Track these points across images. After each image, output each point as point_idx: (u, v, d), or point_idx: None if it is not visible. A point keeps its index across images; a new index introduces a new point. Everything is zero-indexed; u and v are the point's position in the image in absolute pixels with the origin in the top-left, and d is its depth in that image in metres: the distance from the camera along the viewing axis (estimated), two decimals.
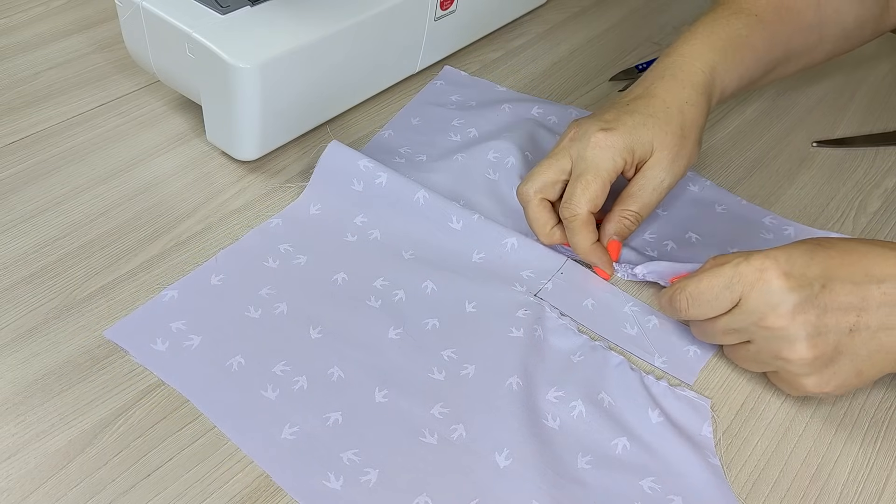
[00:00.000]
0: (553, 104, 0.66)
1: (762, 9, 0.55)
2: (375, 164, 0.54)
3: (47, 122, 0.60)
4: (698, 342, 0.49)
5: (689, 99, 0.51)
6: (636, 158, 0.50)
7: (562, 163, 0.50)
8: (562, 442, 0.43)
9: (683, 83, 0.51)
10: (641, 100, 0.51)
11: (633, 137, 0.49)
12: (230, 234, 0.53)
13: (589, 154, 0.49)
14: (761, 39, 0.55)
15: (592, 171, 0.49)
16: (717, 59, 0.53)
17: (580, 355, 0.47)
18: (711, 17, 0.55)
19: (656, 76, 0.53)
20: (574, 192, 0.49)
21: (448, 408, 0.44)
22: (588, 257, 0.51)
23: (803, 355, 0.42)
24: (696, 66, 0.52)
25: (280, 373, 0.45)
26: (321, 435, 0.42)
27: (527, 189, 0.51)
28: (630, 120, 0.50)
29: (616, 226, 0.51)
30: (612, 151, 0.49)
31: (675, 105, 0.51)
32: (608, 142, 0.49)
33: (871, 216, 0.59)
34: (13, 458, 0.40)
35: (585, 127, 0.50)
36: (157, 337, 0.46)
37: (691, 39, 0.54)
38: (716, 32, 0.54)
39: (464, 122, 0.63)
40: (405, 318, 0.48)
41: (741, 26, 0.54)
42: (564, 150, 0.51)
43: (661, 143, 0.50)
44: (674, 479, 0.42)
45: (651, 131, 0.50)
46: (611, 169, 0.49)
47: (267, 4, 0.56)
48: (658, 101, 0.51)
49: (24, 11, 0.71)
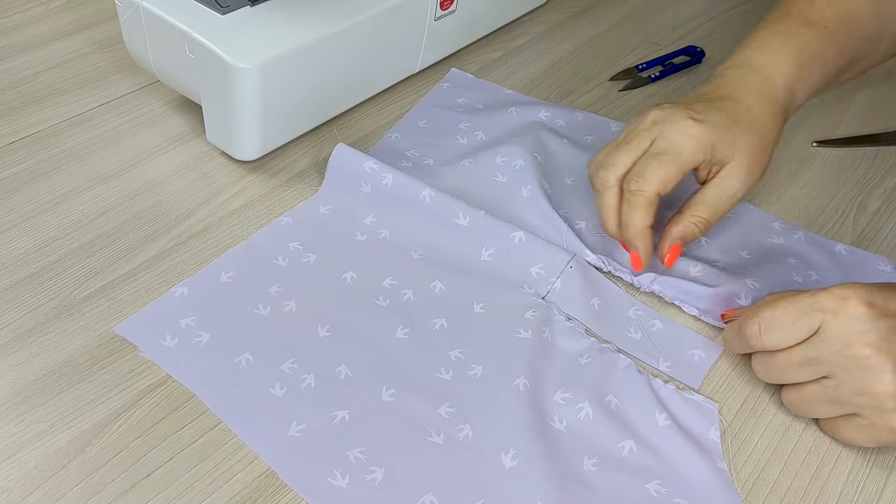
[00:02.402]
0: (560, 107, 0.66)
1: (829, 20, 0.54)
2: (381, 164, 0.55)
3: (47, 122, 0.60)
4: (703, 346, 0.48)
5: (772, 115, 0.50)
6: (715, 159, 0.48)
7: (642, 146, 0.48)
8: (568, 444, 0.43)
9: (766, 98, 0.51)
10: (728, 101, 0.50)
11: (719, 136, 0.48)
12: (230, 234, 0.53)
13: (674, 136, 0.47)
14: (831, 52, 0.54)
15: (673, 153, 0.47)
16: (794, 76, 0.52)
17: (588, 357, 0.47)
18: (784, 26, 0.54)
19: (738, 82, 0.51)
20: (647, 167, 0.47)
21: (455, 408, 0.44)
22: (635, 240, 0.48)
23: (890, 388, 0.39)
24: (778, 83, 0.51)
25: (288, 370, 0.45)
26: (328, 433, 0.42)
27: (608, 175, 0.48)
28: (718, 118, 0.48)
29: (683, 230, 0.49)
30: (698, 142, 0.47)
31: (760, 118, 0.50)
32: (696, 131, 0.47)
33: (871, 216, 0.59)
34: (13, 458, 0.40)
35: (671, 111, 0.49)
36: (167, 333, 0.46)
37: (767, 48, 0.53)
38: (790, 44, 0.53)
39: (471, 125, 0.63)
40: (413, 318, 0.48)
41: (812, 38, 0.53)
42: (645, 133, 0.48)
43: (742, 151, 0.48)
44: (680, 482, 0.42)
45: (735, 137, 0.48)
46: (691, 159, 0.47)
47: (267, 4, 0.56)
48: (744, 109, 0.50)
49: (24, 11, 0.71)
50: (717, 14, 0.82)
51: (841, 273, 0.53)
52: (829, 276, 0.53)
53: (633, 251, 0.49)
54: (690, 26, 0.79)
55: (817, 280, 0.52)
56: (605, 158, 0.49)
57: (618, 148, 0.49)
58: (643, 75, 0.71)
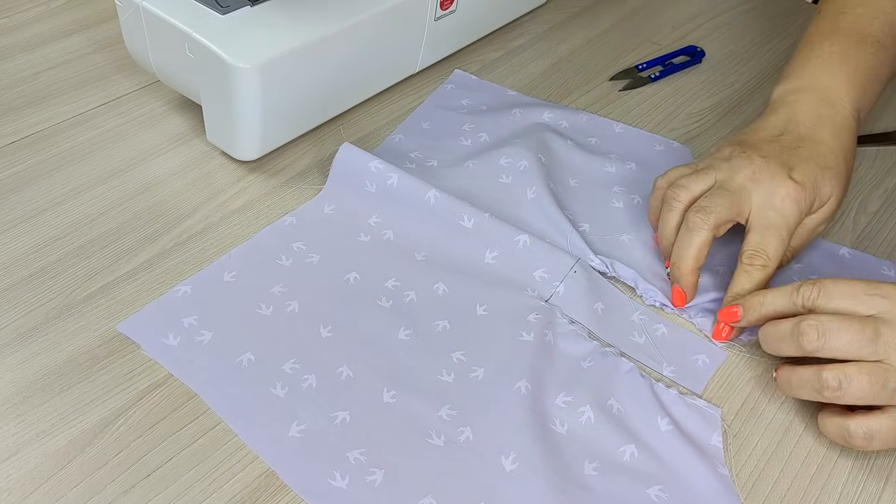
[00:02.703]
0: (564, 108, 0.66)
1: (880, 32, 0.55)
2: (386, 165, 0.54)
3: (47, 122, 0.60)
4: (707, 351, 0.48)
5: (849, 146, 0.52)
6: (812, 210, 0.50)
7: (743, 204, 0.49)
8: (569, 447, 0.43)
9: (842, 129, 0.52)
10: (810, 145, 0.51)
11: (817, 192, 0.49)
12: (230, 234, 0.53)
13: (779, 205, 0.48)
14: (886, 66, 0.55)
15: (785, 225, 0.48)
16: (860, 99, 0.53)
17: (590, 361, 0.47)
18: (840, 44, 0.54)
19: (812, 117, 0.52)
20: (768, 242, 0.48)
21: (456, 410, 0.44)
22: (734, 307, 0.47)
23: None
24: (847, 110, 0.52)
25: (289, 370, 0.45)
26: (328, 433, 0.42)
27: (708, 220, 0.48)
28: (812, 172, 0.49)
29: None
30: (801, 206, 0.49)
31: (842, 154, 0.51)
32: (799, 196, 0.48)
33: (872, 216, 0.59)
34: (13, 458, 0.40)
35: (771, 171, 0.49)
36: (169, 332, 0.46)
37: (829, 71, 0.53)
38: (851, 65, 0.54)
39: (474, 127, 0.63)
40: (416, 319, 0.48)
41: (871, 56, 0.54)
42: (746, 189, 0.49)
43: (835, 193, 0.50)
44: (681, 487, 0.41)
45: (829, 184, 0.50)
46: (799, 220, 0.49)
47: (267, 4, 0.56)
48: (828, 150, 0.51)
49: (24, 11, 0.71)
50: (717, 14, 0.82)
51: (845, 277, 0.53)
52: None
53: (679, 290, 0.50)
54: (690, 26, 0.79)
55: None
56: (706, 200, 0.49)
57: (719, 194, 0.49)
58: (643, 75, 0.71)
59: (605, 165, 0.60)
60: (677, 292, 0.50)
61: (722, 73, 0.73)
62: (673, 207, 0.50)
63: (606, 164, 0.60)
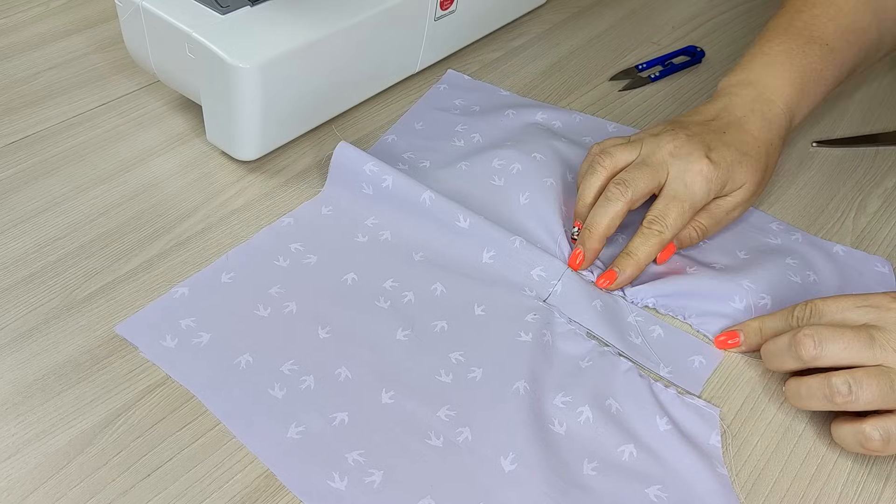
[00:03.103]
0: (557, 109, 0.66)
1: (832, 36, 0.56)
2: (381, 166, 0.54)
3: (47, 122, 0.60)
4: (703, 352, 0.48)
5: (774, 143, 0.54)
6: (724, 192, 0.52)
7: (659, 176, 0.51)
8: (568, 447, 0.43)
9: (771, 125, 0.54)
10: (736, 132, 0.53)
11: (731, 175, 0.51)
12: (230, 234, 0.53)
13: (689, 180, 0.50)
14: (832, 70, 0.56)
15: (690, 201, 0.50)
16: (796, 100, 0.55)
17: (588, 360, 0.47)
18: (788, 44, 0.56)
19: (745, 106, 0.54)
20: (669, 211, 0.50)
21: (454, 410, 0.44)
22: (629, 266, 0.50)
23: None
24: (780, 108, 0.54)
25: (287, 372, 0.45)
26: (327, 435, 0.42)
27: (625, 192, 0.50)
28: (730, 156, 0.51)
29: (684, 232, 0.52)
30: (711, 185, 0.51)
31: (765, 146, 0.53)
32: (711, 175, 0.50)
33: (871, 216, 0.59)
34: (13, 458, 0.40)
35: (690, 148, 0.51)
36: (167, 333, 0.46)
37: (771, 69, 0.55)
38: (794, 66, 0.55)
39: (467, 128, 0.63)
40: (414, 320, 0.48)
41: (816, 59, 0.56)
42: (665, 163, 0.51)
43: (750, 181, 0.52)
44: (680, 487, 0.41)
45: (745, 171, 0.52)
46: (705, 199, 0.51)
47: (267, 4, 0.56)
48: (751, 139, 0.53)
49: (24, 11, 0.71)
50: (717, 14, 0.82)
51: (839, 274, 0.53)
52: (827, 277, 0.53)
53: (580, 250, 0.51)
54: (690, 26, 0.79)
55: (815, 280, 0.52)
56: (627, 173, 0.51)
57: (639, 168, 0.51)
58: (643, 75, 0.71)
59: None
60: (577, 254, 0.51)
61: (722, 73, 0.73)
62: (596, 171, 0.53)
63: None
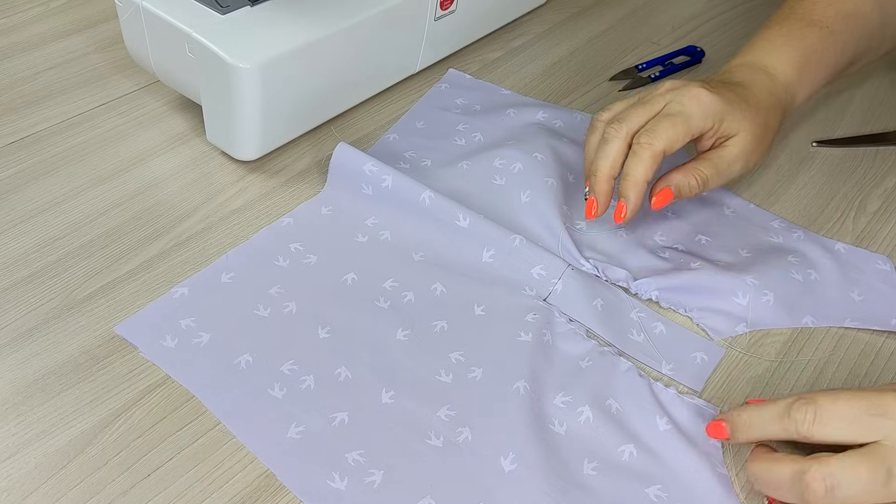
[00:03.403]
0: (558, 108, 0.66)
1: (832, 19, 0.56)
2: (380, 166, 0.54)
3: (47, 122, 0.60)
4: (705, 348, 0.48)
5: (775, 109, 0.53)
6: (721, 131, 0.50)
7: (655, 108, 0.50)
8: (568, 447, 0.43)
9: (772, 94, 0.53)
10: (738, 86, 0.52)
11: (729, 109, 0.50)
12: (230, 234, 0.53)
13: (686, 101, 0.49)
14: (832, 53, 0.56)
15: (683, 116, 0.49)
16: (795, 79, 0.54)
17: (588, 360, 0.47)
18: (787, 27, 0.56)
19: (748, 76, 0.53)
20: (659, 125, 0.49)
21: (454, 410, 0.44)
22: (630, 190, 0.49)
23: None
24: (781, 83, 0.54)
25: (287, 372, 0.45)
26: (327, 435, 0.42)
27: (620, 127, 0.50)
28: (729, 95, 0.50)
29: (683, 178, 0.50)
30: (708, 109, 0.49)
31: (765, 107, 0.52)
32: (707, 99, 0.49)
33: (871, 216, 0.59)
34: (13, 458, 0.40)
35: (685, 82, 0.51)
36: (167, 333, 0.46)
37: (772, 50, 0.55)
38: (794, 47, 0.55)
39: (469, 127, 0.63)
40: (413, 320, 0.48)
41: (816, 40, 0.55)
42: (660, 98, 0.51)
43: (748, 128, 0.50)
44: (680, 486, 0.41)
45: (743, 114, 0.50)
46: (701, 124, 0.49)
47: (267, 4, 0.56)
48: (752, 95, 0.52)
49: (24, 11, 0.71)
50: (717, 14, 0.82)
51: (840, 271, 0.53)
52: (829, 275, 0.53)
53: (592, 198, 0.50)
54: (690, 26, 0.79)
55: (816, 278, 0.52)
56: (620, 114, 0.51)
57: (633, 106, 0.51)
58: (643, 75, 0.71)
59: None
60: (590, 203, 0.50)
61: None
62: (595, 128, 0.52)
63: None
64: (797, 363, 0.48)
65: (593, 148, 0.52)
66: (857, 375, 0.48)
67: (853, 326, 0.50)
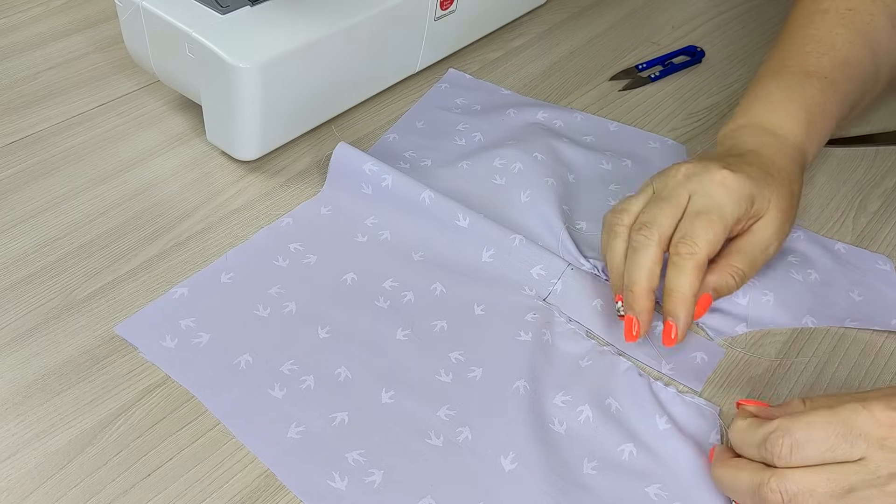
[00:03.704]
0: (558, 108, 0.66)
1: (828, 69, 0.53)
2: (380, 166, 0.54)
3: (47, 122, 0.60)
4: (705, 348, 0.48)
5: (795, 173, 0.49)
6: (752, 212, 0.46)
7: (681, 201, 0.45)
8: (568, 447, 0.43)
9: (787, 156, 0.49)
10: (754, 156, 0.48)
11: (756, 188, 0.46)
12: (230, 234, 0.53)
13: (713, 191, 0.45)
14: (834, 104, 0.53)
15: (717, 211, 0.44)
16: (804, 135, 0.51)
17: (588, 360, 0.47)
18: (785, 81, 0.53)
19: (757, 141, 0.50)
20: (696, 229, 0.44)
21: (454, 410, 0.44)
22: (679, 307, 0.44)
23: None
24: (790, 143, 0.50)
25: (287, 372, 0.45)
26: (327, 435, 0.42)
27: (651, 234, 0.44)
28: (751, 170, 0.46)
29: (719, 279, 0.45)
30: (738, 194, 0.45)
31: (786, 174, 0.48)
32: (735, 183, 0.45)
33: (871, 216, 0.59)
34: (13, 458, 0.40)
35: (704, 164, 0.46)
36: (167, 334, 0.46)
37: (774, 109, 0.52)
38: (796, 102, 0.52)
39: (469, 127, 0.63)
40: (413, 320, 0.48)
41: (816, 92, 0.53)
42: (680, 188, 0.46)
43: (777, 204, 0.46)
44: (680, 486, 0.41)
45: (771, 189, 0.46)
46: (735, 213, 0.45)
47: (267, 4, 0.56)
48: (772, 164, 0.48)
49: (24, 11, 0.71)
50: (717, 14, 0.82)
51: (840, 271, 0.53)
52: (829, 275, 0.53)
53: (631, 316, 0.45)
54: (690, 26, 0.79)
55: (816, 278, 0.52)
56: (644, 215, 0.46)
57: (656, 204, 0.46)
58: (643, 75, 0.71)
59: (602, 163, 0.60)
60: (630, 323, 0.45)
61: (722, 73, 0.73)
62: (616, 233, 0.47)
63: (602, 161, 0.60)
64: (797, 363, 0.48)
65: (619, 256, 0.46)
66: (857, 375, 0.48)
67: (853, 326, 0.50)
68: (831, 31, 0.55)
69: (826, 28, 0.55)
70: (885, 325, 0.50)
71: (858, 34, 0.55)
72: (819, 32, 0.55)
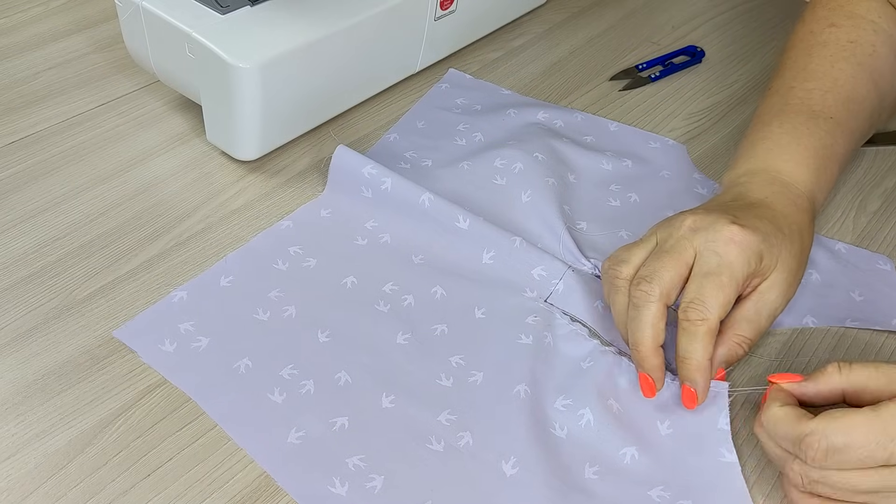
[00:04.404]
0: (558, 108, 0.66)
1: (833, 108, 0.51)
2: (380, 168, 0.54)
3: (47, 122, 0.60)
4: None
5: (806, 225, 0.47)
6: (760, 269, 0.43)
7: (685, 257, 0.43)
8: (569, 451, 0.43)
9: (797, 206, 0.47)
10: (763, 208, 0.46)
11: (766, 244, 0.43)
12: (230, 234, 0.53)
13: (722, 249, 0.42)
14: (842, 144, 0.52)
15: (727, 272, 0.42)
16: (814, 182, 0.49)
17: (590, 361, 0.46)
18: (790, 124, 0.51)
19: (766, 189, 0.48)
20: (706, 293, 0.42)
21: (455, 415, 0.44)
22: (695, 374, 0.42)
23: None
24: (801, 190, 0.48)
25: (287, 376, 0.45)
26: (327, 440, 0.42)
27: (651, 290, 0.42)
28: (761, 225, 0.44)
29: (728, 352, 0.44)
30: (747, 252, 0.42)
31: (797, 227, 0.46)
32: (745, 239, 0.43)
33: (871, 216, 0.59)
34: (13, 458, 0.40)
35: (712, 217, 0.44)
36: (165, 338, 0.46)
37: (781, 154, 0.50)
38: (803, 146, 0.50)
39: (469, 127, 0.63)
40: (414, 324, 0.48)
41: (824, 135, 0.50)
42: (686, 242, 0.43)
43: (785, 262, 0.44)
44: (683, 485, 0.41)
45: (780, 246, 0.44)
46: (746, 272, 0.42)
47: (267, 4, 0.56)
48: (781, 216, 0.46)
49: (24, 11, 0.71)
50: (717, 14, 0.82)
51: (841, 271, 0.53)
52: (829, 275, 0.53)
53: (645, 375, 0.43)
54: (690, 26, 0.79)
55: (817, 278, 0.52)
56: (645, 269, 0.43)
57: (658, 257, 0.44)
58: (643, 75, 0.71)
59: (602, 163, 0.60)
60: (644, 380, 0.43)
61: (722, 73, 0.73)
62: (618, 287, 0.45)
63: (603, 161, 0.60)
64: (797, 363, 0.48)
65: (623, 311, 0.44)
66: None
67: (854, 326, 0.50)
68: (833, 65, 0.53)
69: (827, 62, 0.54)
70: (886, 325, 0.50)
71: (862, 68, 0.53)
72: (820, 67, 0.53)
